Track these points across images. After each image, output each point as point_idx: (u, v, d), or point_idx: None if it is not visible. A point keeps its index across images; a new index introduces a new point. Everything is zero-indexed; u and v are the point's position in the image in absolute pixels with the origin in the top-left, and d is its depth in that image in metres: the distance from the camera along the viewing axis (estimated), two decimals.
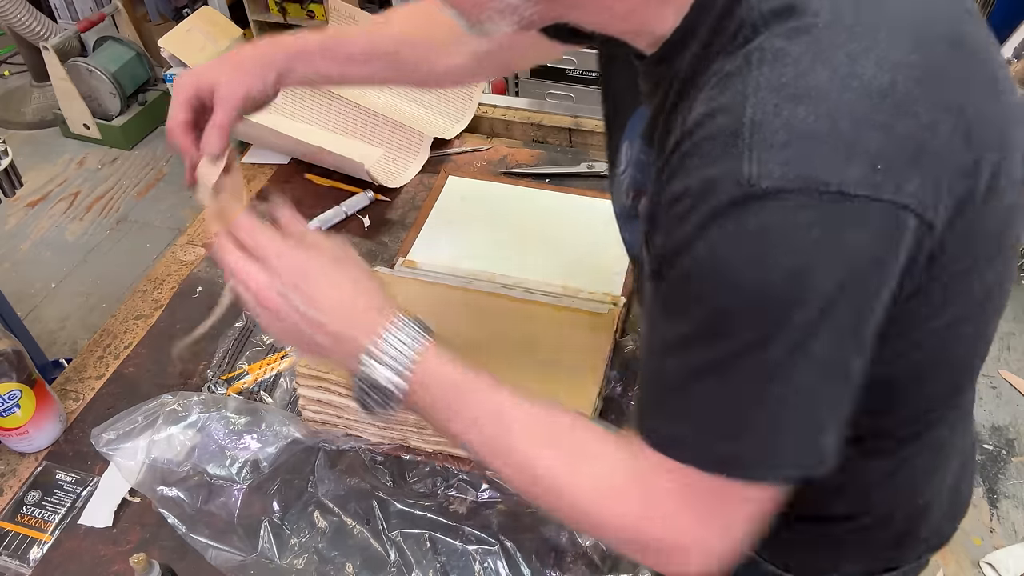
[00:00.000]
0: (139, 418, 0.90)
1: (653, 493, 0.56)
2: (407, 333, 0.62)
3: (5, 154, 1.62)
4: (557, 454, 0.59)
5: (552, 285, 1.11)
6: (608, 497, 0.57)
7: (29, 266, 2.83)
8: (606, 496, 0.57)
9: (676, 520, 0.55)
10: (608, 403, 0.94)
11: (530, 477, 0.60)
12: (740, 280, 0.47)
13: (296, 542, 0.85)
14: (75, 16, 3.69)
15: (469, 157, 1.43)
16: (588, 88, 2.81)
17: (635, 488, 0.56)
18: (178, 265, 1.22)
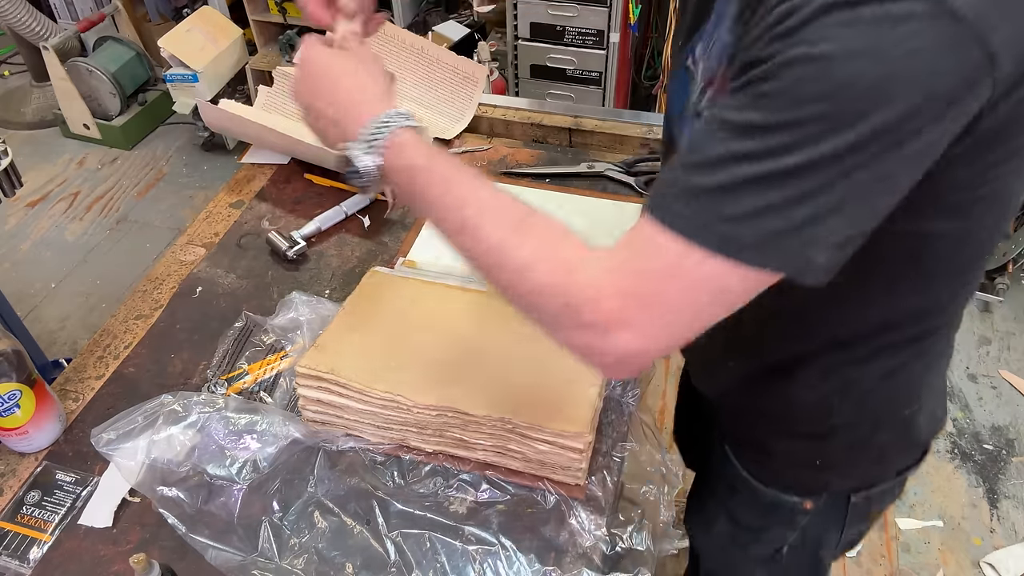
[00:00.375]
0: (139, 418, 0.90)
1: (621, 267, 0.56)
2: (391, 121, 0.67)
3: (5, 154, 1.61)
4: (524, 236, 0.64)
5: None
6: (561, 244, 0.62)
7: (29, 266, 2.83)
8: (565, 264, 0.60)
9: (640, 296, 0.55)
10: (608, 403, 0.94)
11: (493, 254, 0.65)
12: (832, 72, 0.47)
13: (296, 542, 0.85)
14: (75, 16, 3.69)
15: (469, 157, 1.43)
16: (588, 88, 2.82)
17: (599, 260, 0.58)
18: (178, 265, 1.22)
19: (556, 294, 0.60)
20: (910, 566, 1.92)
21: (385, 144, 0.67)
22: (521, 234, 0.64)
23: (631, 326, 0.56)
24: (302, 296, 1.06)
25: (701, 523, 1.04)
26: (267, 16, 3.20)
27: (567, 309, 0.59)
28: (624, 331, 0.56)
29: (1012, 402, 2.30)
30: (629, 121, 1.46)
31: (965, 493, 2.07)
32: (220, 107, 1.36)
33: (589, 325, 0.58)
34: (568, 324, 0.60)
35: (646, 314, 0.55)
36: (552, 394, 0.88)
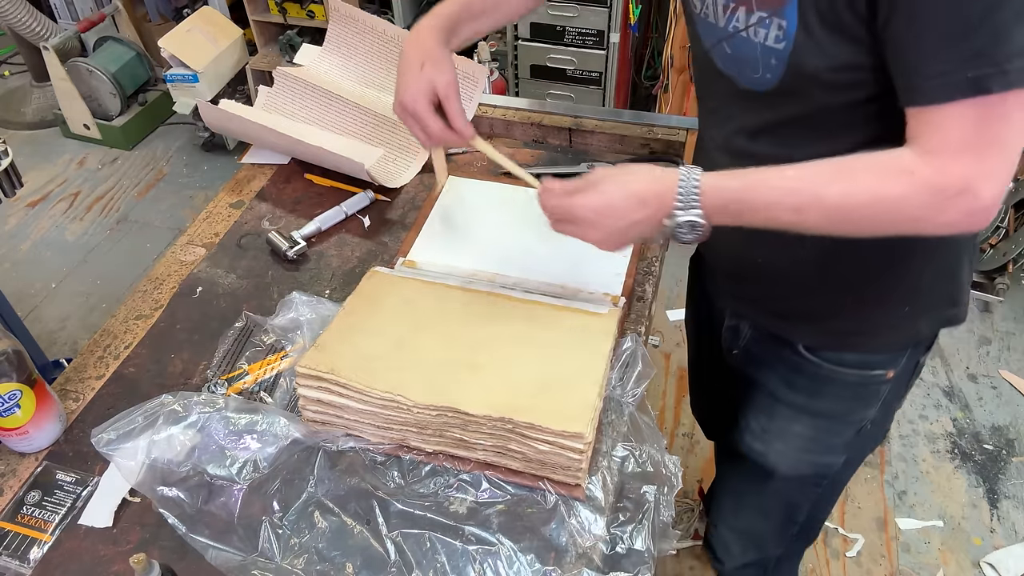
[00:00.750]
0: (139, 418, 0.90)
1: (940, 150, 0.70)
2: (686, 186, 0.79)
3: (5, 154, 1.62)
4: (842, 189, 0.74)
5: (552, 285, 1.11)
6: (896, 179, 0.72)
7: (29, 266, 2.83)
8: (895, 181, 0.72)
9: (971, 167, 0.69)
10: (608, 403, 0.94)
11: (835, 208, 0.74)
12: None
13: (296, 542, 0.85)
14: (75, 16, 3.69)
15: (469, 157, 1.43)
16: (588, 88, 2.82)
17: (921, 161, 0.71)
18: (178, 265, 1.22)
19: (916, 194, 0.72)
20: (910, 566, 1.92)
21: (699, 203, 0.78)
22: (846, 181, 0.75)
23: (989, 177, 0.69)
24: (302, 296, 1.06)
25: (774, 438, 1.10)
26: (267, 16, 3.20)
27: (933, 195, 0.71)
28: (986, 184, 0.69)
29: (1012, 402, 2.30)
30: (629, 121, 1.46)
31: (965, 493, 2.07)
32: (220, 107, 1.36)
33: (961, 194, 0.70)
34: (940, 208, 0.72)
35: (997, 161, 0.69)
36: (552, 394, 0.88)
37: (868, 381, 1.01)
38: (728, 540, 1.30)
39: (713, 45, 0.88)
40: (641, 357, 0.97)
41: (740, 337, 1.10)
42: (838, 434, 1.07)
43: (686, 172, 0.80)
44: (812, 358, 1.00)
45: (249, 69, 3.20)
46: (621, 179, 0.83)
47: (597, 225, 0.83)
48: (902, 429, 2.23)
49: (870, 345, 0.98)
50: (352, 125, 1.42)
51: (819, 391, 1.03)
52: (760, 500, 1.20)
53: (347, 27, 1.50)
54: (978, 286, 2.60)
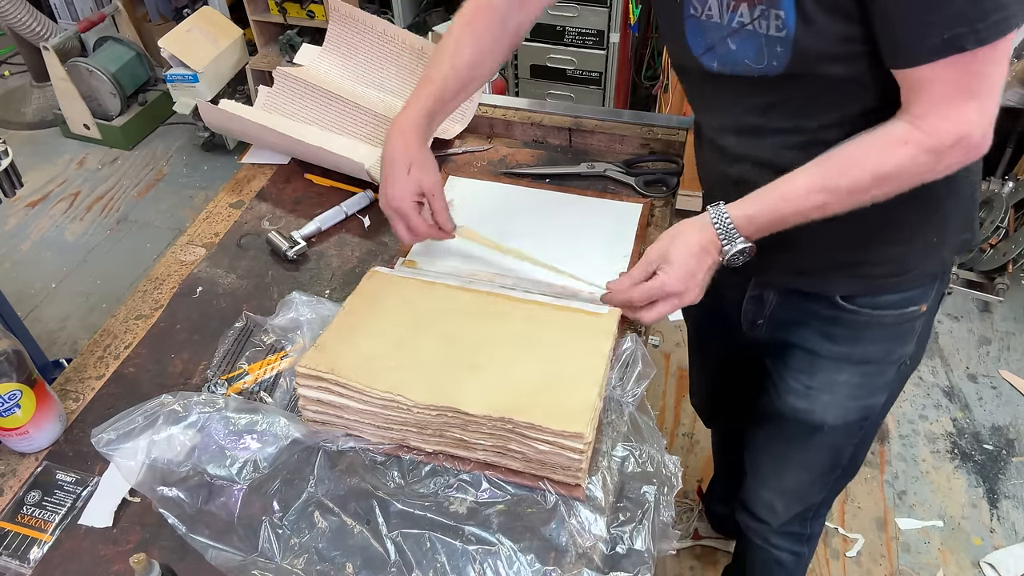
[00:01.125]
0: (139, 418, 0.90)
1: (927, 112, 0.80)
2: (722, 224, 0.93)
3: (5, 154, 1.62)
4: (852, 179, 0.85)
5: (552, 285, 1.11)
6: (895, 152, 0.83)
7: (29, 266, 2.83)
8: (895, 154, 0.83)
9: (957, 115, 0.80)
10: (608, 403, 0.94)
11: (850, 192, 0.86)
12: None
13: (296, 542, 0.85)
14: (75, 16, 3.69)
15: (469, 157, 1.43)
16: (588, 88, 2.82)
17: (912, 128, 0.81)
18: (178, 265, 1.22)
19: (915, 160, 0.83)
20: (910, 566, 1.92)
21: (739, 234, 0.93)
22: (853, 170, 0.86)
23: (977, 122, 0.81)
24: (302, 296, 1.06)
25: (820, 392, 1.14)
26: (267, 16, 3.20)
27: (931, 155, 0.82)
28: (975, 128, 0.81)
29: (1012, 402, 2.30)
30: (629, 121, 1.46)
31: (965, 493, 2.07)
32: (220, 107, 1.36)
33: (958, 143, 0.81)
34: (939, 161, 0.83)
35: (979, 109, 0.81)
36: (552, 394, 0.88)
37: (904, 319, 1.06)
38: (772, 501, 1.33)
39: (708, 49, 0.92)
40: (641, 357, 0.97)
41: (765, 305, 1.14)
42: (881, 374, 1.12)
43: (715, 212, 0.93)
44: (850, 307, 1.05)
45: (249, 69, 3.20)
46: (680, 243, 0.94)
47: (688, 289, 0.94)
48: (902, 429, 2.23)
49: (904, 283, 1.03)
50: (352, 125, 1.42)
51: (859, 337, 1.08)
52: (805, 456, 1.24)
53: (347, 27, 1.50)
54: (978, 286, 2.60)
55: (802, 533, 1.38)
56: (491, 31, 1.09)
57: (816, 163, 0.88)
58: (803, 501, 1.31)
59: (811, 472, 1.25)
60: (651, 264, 0.96)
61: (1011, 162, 2.73)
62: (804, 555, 1.44)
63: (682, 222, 0.97)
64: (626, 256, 1.16)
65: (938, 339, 2.49)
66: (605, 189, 1.34)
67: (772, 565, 1.45)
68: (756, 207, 0.91)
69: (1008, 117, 2.65)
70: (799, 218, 0.90)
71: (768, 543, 1.41)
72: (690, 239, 0.94)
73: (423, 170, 1.07)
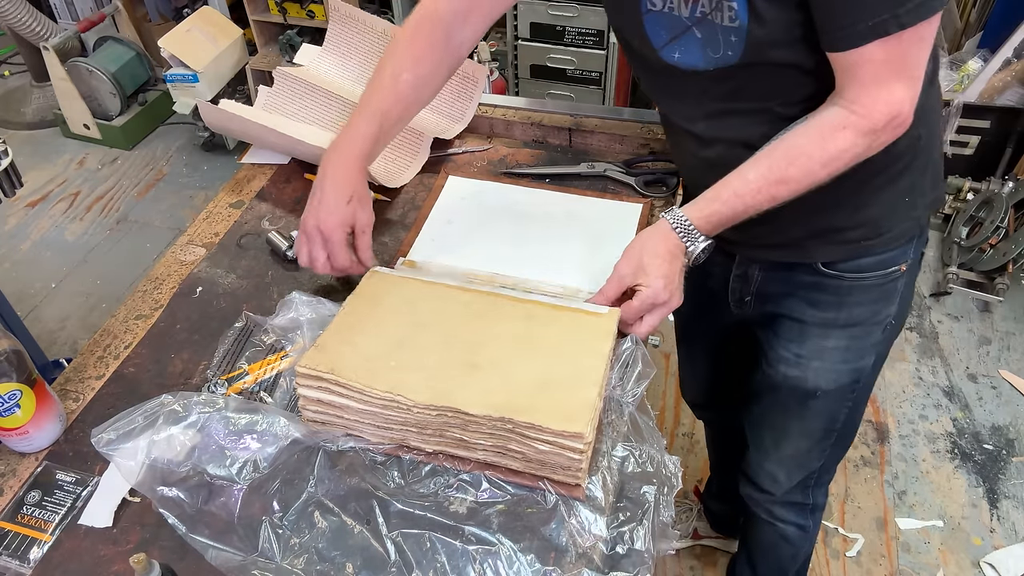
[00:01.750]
0: (139, 418, 0.90)
1: (859, 96, 0.86)
2: (682, 227, 0.98)
3: (5, 154, 1.62)
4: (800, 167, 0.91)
5: (552, 285, 1.11)
6: (834, 137, 0.89)
7: (29, 266, 2.83)
8: (835, 139, 0.89)
9: (887, 96, 0.85)
10: (608, 403, 0.94)
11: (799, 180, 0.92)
12: None
13: (296, 542, 0.85)
14: (75, 16, 3.69)
15: (469, 157, 1.43)
16: (588, 88, 2.82)
17: (848, 113, 0.87)
18: (178, 265, 1.22)
19: (855, 142, 0.89)
20: (910, 566, 1.92)
21: (700, 234, 0.98)
22: (799, 159, 0.91)
23: (904, 99, 0.86)
24: (302, 296, 1.06)
25: (811, 359, 1.18)
26: (267, 16, 3.20)
27: (868, 136, 0.88)
28: (903, 105, 0.87)
29: (1012, 402, 2.30)
30: (629, 119, 1.46)
31: (965, 493, 2.07)
32: (220, 107, 1.36)
33: (890, 122, 0.87)
34: (876, 139, 0.89)
35: (906, 86, 0.86)
36: (552, 394, 0.88)
37: (886, 280, 1.10)
38: (775, 471, 1.37)
39: (669, 40, 0.95)
40: (641, 357, 0.97)
41: (751, 282, 1.18)
42: (868, 336, 1.16)
43: (672, 217, 0.99)
44: (832, 272, 1.09)
45: (249, 69, 3.20)
46: (649, 253, 0.99)
47: (671, 295, 0.98)
48: (902, 429, 2.23)
49: (880, 245, 1.07)
50: None
51: (844, 302, 1.12)
52: (802, 423, 1.27)
53: (347, 27, 1.50)
54: (978, 286, 2.61)
55: (805, 503, 1.42)
56: (433, 52, 1.09)
57: (763, 155, 0.93)
58: (804, 468, 1.35)
59: (809, 438, 1.29)
60: (624, 279, 1.00)
61: (1011, 162, 2.74)
62: (809, 528, 1.47)
63: (641, 234, 1.02)
64: None
65: (938, 339, 2.49)
66: (605, 189, 1.34)
67: (778, 541, 1.49)
68: (712, 206, 0.96)
69: (1008, 117, 2.66)
70: (753, 210, 0.95)
71: (773, 516, 1.44)
72: (658, 247, 0.98)
73: (361, 205, 1.08)
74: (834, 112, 0.89)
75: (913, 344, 2.48)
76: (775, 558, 1.56)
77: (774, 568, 1.59)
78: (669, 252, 0.98)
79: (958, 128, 2.73)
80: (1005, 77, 2.66)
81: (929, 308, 2.60)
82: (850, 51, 0.84)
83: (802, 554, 1.55)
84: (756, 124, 0.98)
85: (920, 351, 2.46)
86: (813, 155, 0.90)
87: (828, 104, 0.90)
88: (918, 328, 2.53)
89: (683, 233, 0.98)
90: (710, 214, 0.96)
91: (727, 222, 0.97)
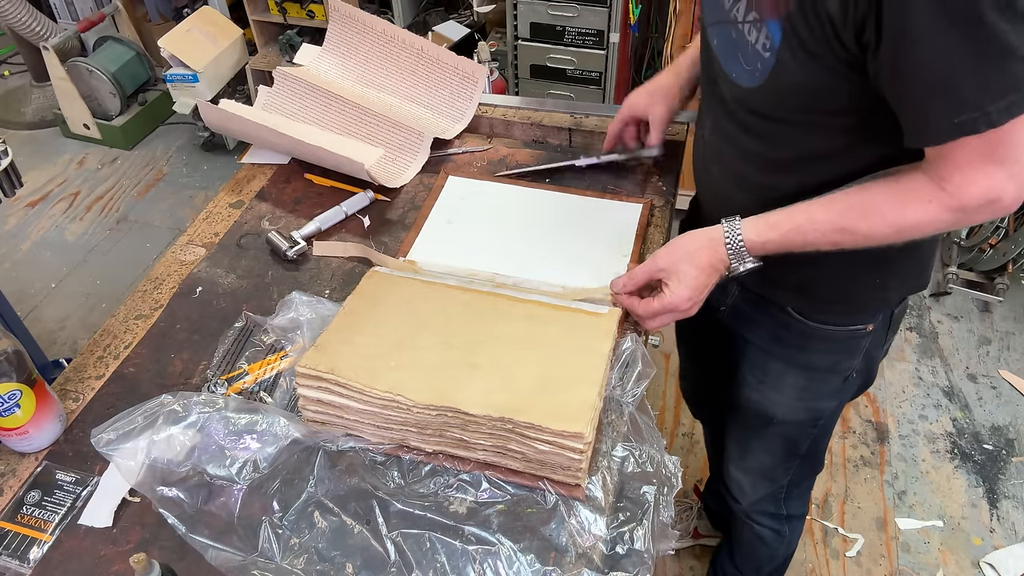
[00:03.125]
0: (139, 418, 0.90)
1: (951, 175, 0.78)
2: (734, 245, 0.93)
3: (5, 154, 1.62)
4: (871, 224, 0.86)
5: (552, 285, 1.11)
6: (917, 207, 0.82)
7: (29, 266, 2.83)
8: (916, 211, 0.82)
9: (984, 180, 0.77)
10: (608, 403, 0.94)
11: (867, 238, 0.87)
12: None
13: (296, 542, 0.85)
14: (75, 16, 3.69)
15: (469, 157, 1.43)
16: (588, 88, 2.82)
17: (937, 188, 0.80)
18: (178, 265, 1.22)
19: (939, 218, 0.82)
20: (910, 566, 1.92)
21: (749, 256, 0.93)
22: (873, 216, 0.85)
23: (1006, 184, 0.77)
24: (302, 296, 1.06)
25: (770, 389, 1.19)
26: (267, 16, 3.20)
27: (956, 213, 0.81)
28: (1006, 189, 0.78)
29: (1012, 402, 2.30)
30: None
31: (965, 493, 2.07)
32: (220, 107, 1.36)
33: (985, 206, 0.80)
34: (967, 220, 0.82)
35: (1008, 172, 0.77)
36: (552, 394, 0.88)
37: (849, 336, 1.09)
38: (740, 480, 1.39)
39: (712, 24, 0.93)
40: (641, 357, 0.97)
41: (728, 295, 1.17)
42: (827, 382, 1.15)
43: (728, 229, 0.93)
44: (798, 317, 1.09)
45: (249, 69, 3.20)
46: (689, 262, 0.95)
47: (692, 306, 0.97)
48: (902, 429, 2.23)
49: (847, 310, 1.07)
50: (352, 125, 1.42)
51: (805, 346, 1.11)
52: (763, 442, 1.29)
53: (347, 27, 1.50)
54: (978, 286, 2.60)
55: (777, 513, 1.44)
56: None
57: (836, 200, 0.87)
58: (771, 482, 1.37)
59: (772, 456, 1.31)
60: (657, 271, 0.98)
61: None
62: (785, 534, 1.49)
63: (692, 233, 0.98)
64: (626, 256, 1.16)
65: (938, 339, 2.49)
66: (605, 189, 1.34)
67: (755, 540, 1.52)
68: (770, 234, 0.91)
69: None
70: (811, 248, 0.90)
71: (748, 518, 1.47)
72: (700, 258, 0.95)
73: (654, 102, 1.22)
74: (922, 182, 0.82)
75: (913, 344, 2.48)
76: (751, 555, 1.59)
77: (751, 565, 1.62)
78: (711, 265, 0.95)
79: None
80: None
81: (929, 308, 2.60)
82: (934, 147, 0.79)
83: (779, 555, 1.57)
84: (743, 161, 0.97)
85: (920, 351, 2.46)
86: (888, 217, 0.84)
87: (917, 170, 0.83)
88: (918, 328, 2.53)
89: (732, 251, 0.94)
90: (766, 241, 0.92)
91: (779, 251, 0.93)
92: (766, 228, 0.92)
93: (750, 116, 0.93)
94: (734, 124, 0.96)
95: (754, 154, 0.95)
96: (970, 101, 0.73)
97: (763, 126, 0.92)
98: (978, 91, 0.72)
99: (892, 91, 0.78)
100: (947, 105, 0.74)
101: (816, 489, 2.08)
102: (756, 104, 0.90)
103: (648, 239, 1.22)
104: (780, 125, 0.90)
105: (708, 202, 1.14)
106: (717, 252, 0.94)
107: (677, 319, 0.99)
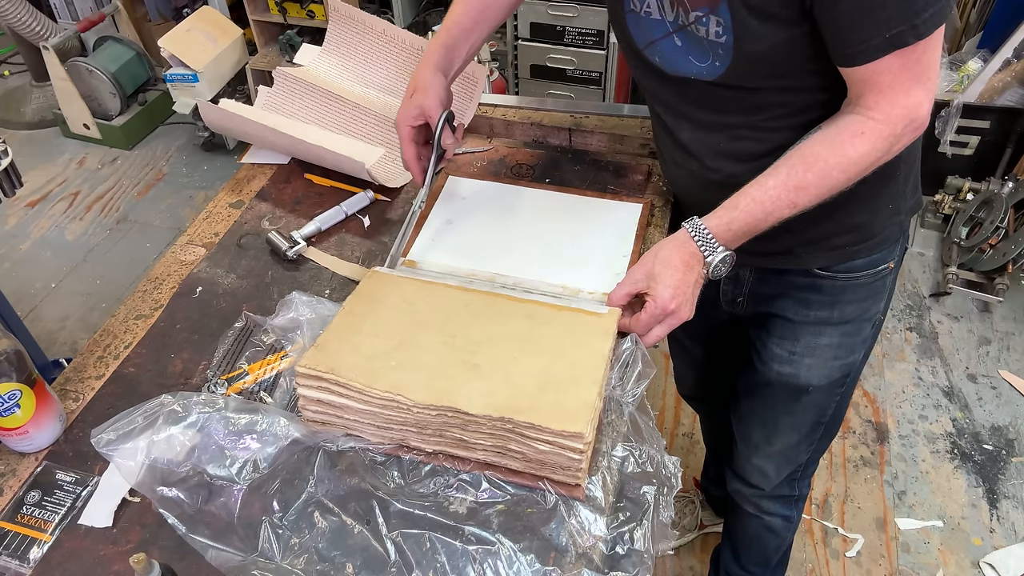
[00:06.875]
0: (139, 418, 0.90)
1: (876, 102, 0.87)
2: (700, 236, 0.96)
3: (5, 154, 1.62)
4: (818, 172, 0.91)
5: (552, 285, 1.11)
6: (853, 143, 0.89)
7: (29, 266, 2.83)
8: (854, 145, 0.89)
9: (905, 100, 0.86)
10: (608, 403, 0.94)
11: (818, 186, 0.92)
12: None
13: (296, 542, 0.85)
14: (75, 16, 3.69)
15: (469, 157, 1.43)
16: (588, 88, 2.82)
17: (866, 119, 0.88)
18: (178, 265, 1.22)
19: (875, 147, 0.89)
20: (910, 566, 1.92)
21: (718, 243, 0.96)
22: (817, 165, 0.91)
23: (922, 102, 0.87)
24: (302, 296, 1.06)
25: (803, 356, 1.20)
26: (267, 16, 3.20)
27: (887, 140, 0.89)
28: (921, 108, 0.87)
29: (1012, 402, 2.30)
30: (628, 116, 1.46)
31: (965, 493, 2.07)
32: (220, 107, 1.36)
33: (909, 125, 0.88)
34: (896, 143, 0.90)
35: (924, 90, 0.87)
36: (552, 394, 0.88)
37: (875, 278, 1.13)
38: (764, 466, 1.39)
39: (648, 43, 0.97)
40: (641, 357, 0.97)
41: (743, 283, 1.20)
42: (859, 332, 1.19)
43: (691, 226, 0.97)
44: (826, 274, 1.12)
45: (249, 69, 3.20)
46: (662, 262, 0.97)
47: (679, 306, 0.97)
48: (902, 429, 2.23)
49: (869, 248, 1.10)
50: (352, 125, 1.42)
51: (837, 300, 1.15)
52: (792, 418, 1.30)
53: (347, 27, 1.50)
54: (978, 286, 2.61)
55: (791, 495, 1.46)
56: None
57: (781, 163, 0.93)
58: (792, 462, 1.38)
59: (798, 432, 1.32)
60: (636, 283, 1.00)
61: (1011, 162, 2.74)
62: (793, 519, 1.51)
63: (661, 242, 1.01)
64: (626, 256, 1.16)
65: (938, 339, 2.49)
66: (605, 189, 1.34)
67: (764, 532, 1.53)
68: (730, 214, 0.95)
69: (1008, 117, 2.66)
70: (773, 218, 0.94)
71: (760, 510, 1.47)
72: (672, 256, 0.97)
73: (424, 93, 1.11)
74: (851, 119, 0.89)
75: (913, 344, 2.48)
76: (760, 548, 1.59)
77: (759, 558, 1.62)
78: (684, 262, 0.97)
79: (958, 128, 2.73)
80: (1005, 77, 2.66)
81: (929, 308, 2.60)
82: (865, 66, 0.85)
83: (787, 543, 1.59)
84: (740, 138, 0.99)
85: (920, 351, 2.46)
86: (831, 161, 0.90)
87: (844, 111, 0.91)
88: (918, 328, 2.53)
89: (701, 242, 0.96)
90: (729, 222, 0.95)
91: (748, 231, 0.96)
92: (724, 211, 0.96)
93: (729, 91, 0.96)
94: (714, 111, 0.99)
95: (744, 125, 0.99)
96: (897, 15, 0.81)
97: (745, 99, 0.96)
98: (903, 5, 0.80)
99: (826, 19, 0.84)
100: (878, 21, 0.81)
101: (816, 489, 2.08)
102: (733, 82, 0.94)
103: (648, 239, 1.22)
104: (760, 93, 0.95)
105: (705, 203, 1.14)
106: (687, 247, 0.97)
107: (674, 325, 0.99)
